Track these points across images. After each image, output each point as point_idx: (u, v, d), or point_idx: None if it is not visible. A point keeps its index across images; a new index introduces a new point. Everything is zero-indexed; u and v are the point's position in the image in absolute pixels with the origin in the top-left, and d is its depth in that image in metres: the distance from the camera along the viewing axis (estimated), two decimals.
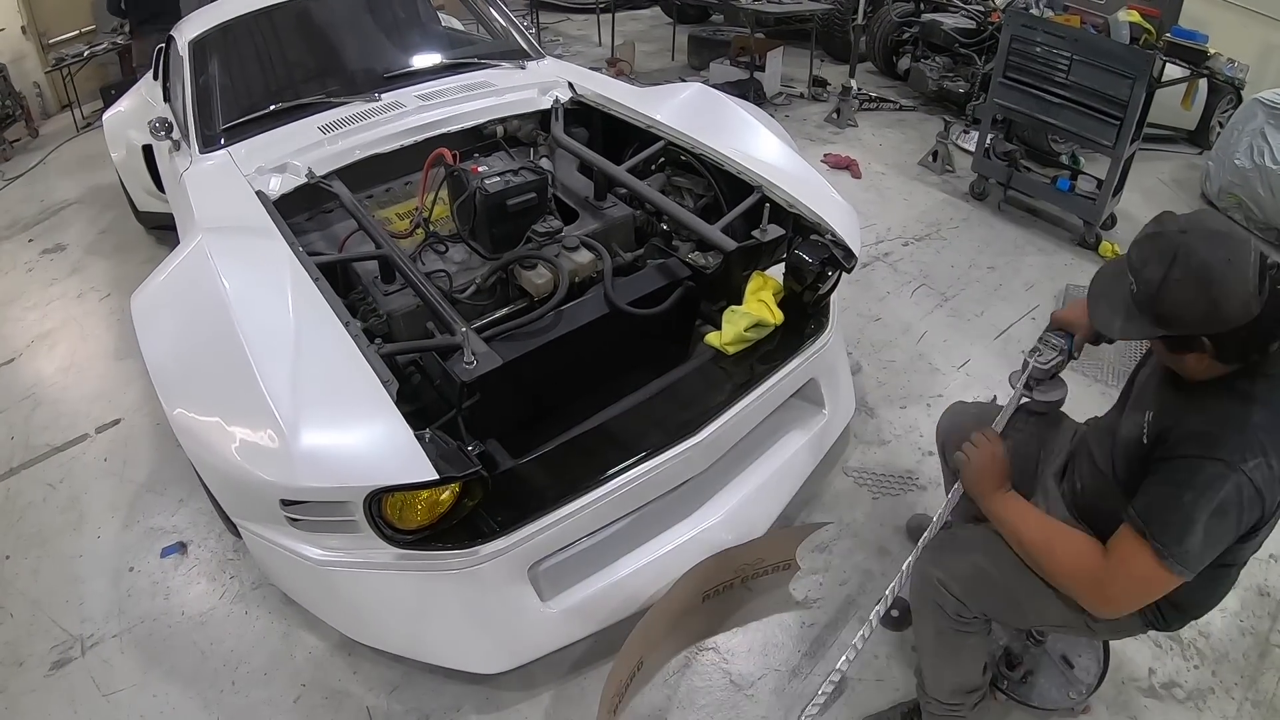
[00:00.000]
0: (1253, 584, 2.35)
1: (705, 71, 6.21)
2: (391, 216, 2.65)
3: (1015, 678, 2.02)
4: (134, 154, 3.71)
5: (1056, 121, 3.98)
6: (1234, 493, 1.26)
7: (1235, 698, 2.06)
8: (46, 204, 4.67)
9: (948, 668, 1.76)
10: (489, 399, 1.91)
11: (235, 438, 1.74)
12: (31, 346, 3.44)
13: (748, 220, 2.42)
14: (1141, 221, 4.70)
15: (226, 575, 2.37)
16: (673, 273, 2.30)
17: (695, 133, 2.66)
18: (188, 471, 2.31)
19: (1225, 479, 1.26)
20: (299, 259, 2.09)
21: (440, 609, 1.84)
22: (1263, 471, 1.26)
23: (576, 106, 3.05)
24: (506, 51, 3.41)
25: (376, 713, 2.02)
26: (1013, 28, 4.00)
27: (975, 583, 1.63)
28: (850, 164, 4.79)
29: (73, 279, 3.91)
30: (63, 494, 2.68)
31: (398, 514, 1.73)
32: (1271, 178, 4.02)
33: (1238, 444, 1.27)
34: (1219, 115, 5.10)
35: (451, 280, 2.24)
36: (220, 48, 3.05)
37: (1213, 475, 1.27)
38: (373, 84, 2.99)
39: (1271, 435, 1.28)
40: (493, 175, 2.27)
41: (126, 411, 3.02)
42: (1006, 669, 2.03)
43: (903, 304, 3.59)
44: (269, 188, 2.48)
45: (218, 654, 2.16)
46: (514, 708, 2.02)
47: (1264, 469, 1.26)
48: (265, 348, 1.81)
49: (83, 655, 2.17)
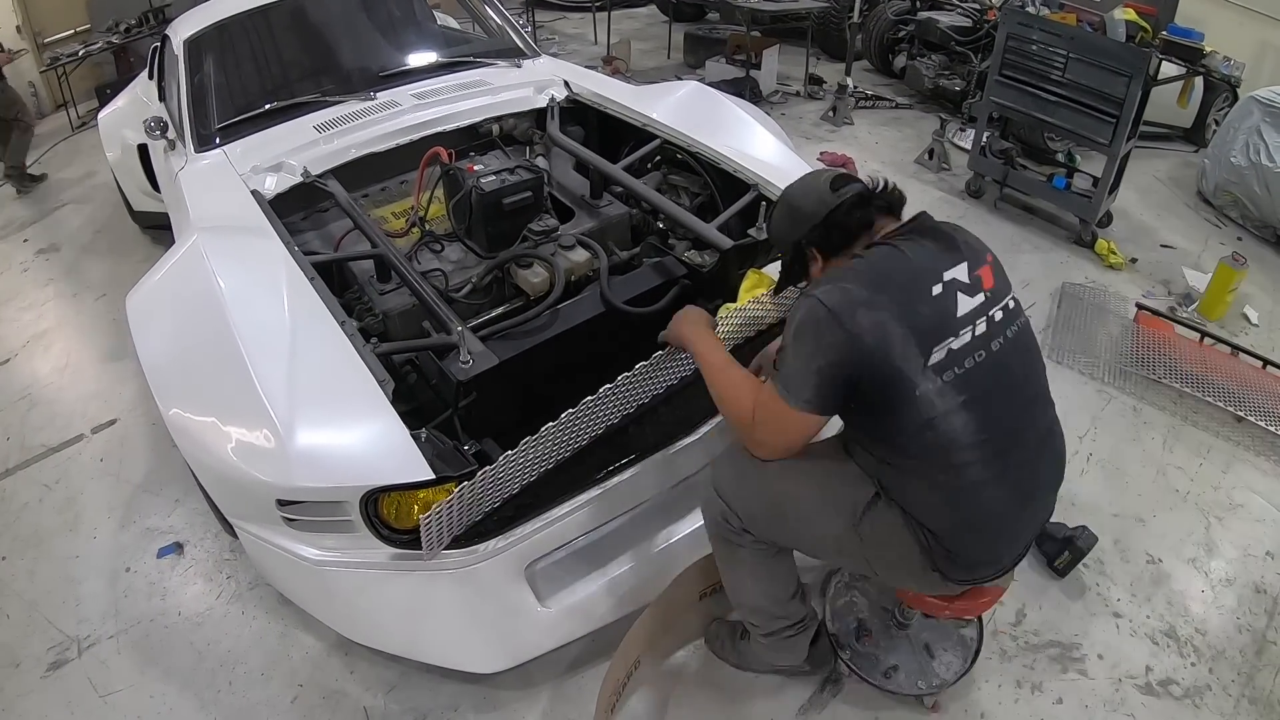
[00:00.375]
0: (1249, 581, 2.35)
1: (701, 70, 6.20)
2: (387, 215, 2.65)
3: (861, 650, 2.04)
4: (129, 153, 3.70)
5: (1052, 119, 3.98)
6: (805, 314, 1.43)
7: (1232, 695, 2.06)
8: (42, 204, 4.66)
9: (734, 583, 1.84)
10: (485, 398, 1.91)
11: (231, 438, 1.74)
12: (27, 347, 3.43)
13: (744, 218, 2.42)
14: (1138, 219, 4.70)
15: (223, 575, 2.37)
16: (669, 271, 2.30)
17: (691, 131, 2.66)
18: (184, 472, 2.31)
19: (800, 306, 1.45)
20: (294, 258, 2.09)
21: (437, 609, 1.84)
22: (834, 294, 1.41)
23: (572, 105, 3.05)
24: (502, 50, 3.41)
25: (374, 712, 2.02)
26: (1009, 25, 4.00)
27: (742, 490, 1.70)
28: (846, 162, 4.79)
29: (68, 279, 3.90)
30: (59, 495, 2.68)
31: (394, 514, 1.73)
32: (1267, 175, 4.03)
33: (820, 281, 1.49)
34: (1215, 113, 5.11)
35: (447, 279, 2.24)
36: (215, 46, 3.04)
37: (796, 306, 1.47)
38: (368, 83, 2.98)
39: (857, 272, 1.45)
40: (488, 174, 2.27)
41: (122, 412, 3.01)
42: (855, 640, 2.05)
43: None
44: (264, 187, 2.47)
45: (214, 654, 2.16)
46: (511, 707, 2.01)
47: (835, 292, 1.41)
48: (261, 347, 1.81)
49: (79, 656, 2.17)
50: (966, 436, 1.43)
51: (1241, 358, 3.16)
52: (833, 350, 1.40)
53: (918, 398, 1.40)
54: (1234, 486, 2.67)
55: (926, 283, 1.44)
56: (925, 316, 1.42)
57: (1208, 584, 2.34)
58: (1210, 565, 2.40)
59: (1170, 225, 4.32)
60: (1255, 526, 2.53)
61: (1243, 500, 2.62)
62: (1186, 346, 3.22)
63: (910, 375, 1.39)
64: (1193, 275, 3.77)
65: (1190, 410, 2.96)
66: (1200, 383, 3.03)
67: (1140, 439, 2.85)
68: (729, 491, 1.71)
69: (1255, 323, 3.52)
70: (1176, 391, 3.03)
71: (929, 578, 1.57)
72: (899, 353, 1.39)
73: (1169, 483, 2.67)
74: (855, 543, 1.59)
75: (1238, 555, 2.44)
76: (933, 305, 1.43)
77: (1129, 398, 3.02)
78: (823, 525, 1.62)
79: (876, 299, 1.40)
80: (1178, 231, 4.25)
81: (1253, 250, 4.00)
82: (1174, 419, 2.93)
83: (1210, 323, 3.44)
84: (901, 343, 1.39)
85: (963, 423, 1.42)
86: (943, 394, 1.41)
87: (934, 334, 1.41)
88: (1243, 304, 3.59)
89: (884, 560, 1.60)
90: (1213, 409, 2.96)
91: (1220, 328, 3.41)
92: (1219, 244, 4.10)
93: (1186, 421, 2.92)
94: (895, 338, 1.39)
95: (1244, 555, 2.44)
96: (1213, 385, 3.02)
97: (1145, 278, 3.81)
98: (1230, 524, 2.54)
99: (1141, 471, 2.71)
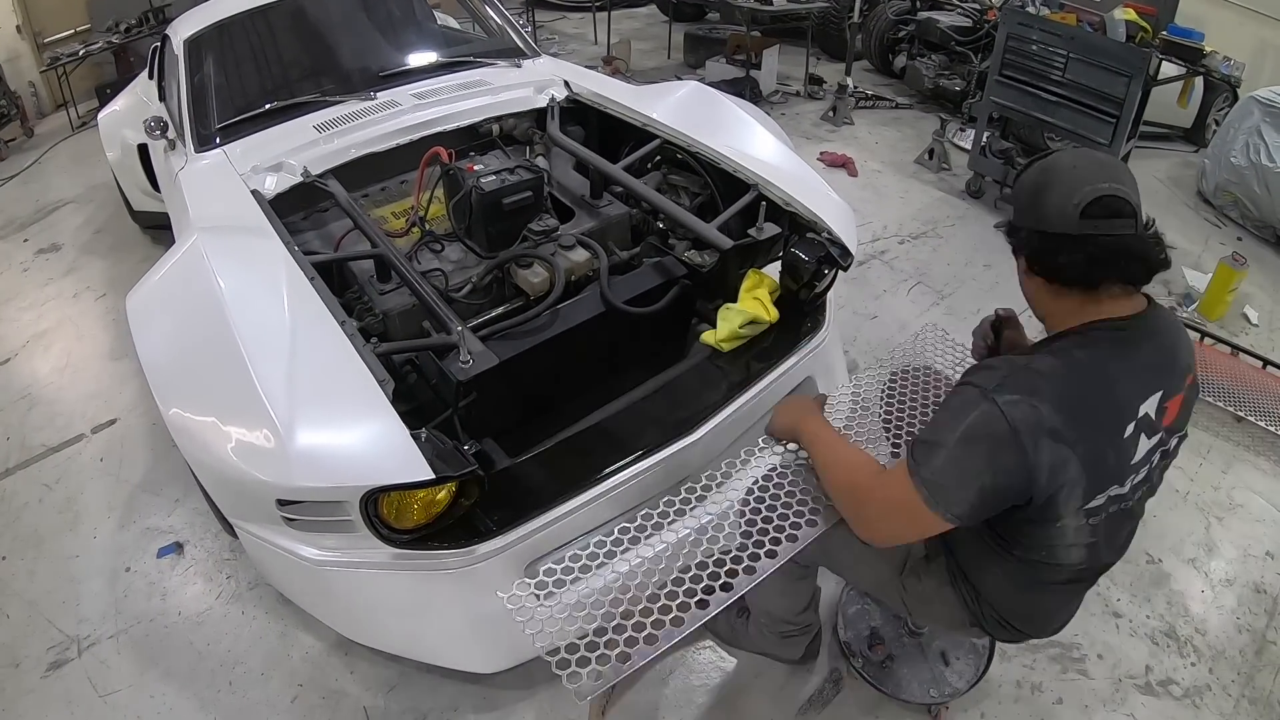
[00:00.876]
0: (1249, 581, 2.35)
1: (701, 69, 6.20)
2: (387, 215, 2.65)
3: (874, 659, 2.03)
4: (129, 153, 3.70)
5: (1053, 119, 3.98)
6: (981, 421, 1.22)
7: (1232, 695, 2.06)
8: (42, 204, 4.65)
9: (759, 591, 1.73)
10: (485, 398, 1.91)
11: (231, 437, 1.73)
12: (27, 347, 3.43)
13: (744, 218, 2.42)
14: None
15: (223, 575, 2.37)
16: (669, 271, 2.30)
17: (691, 131, 2.65)
18: (184, 471, 2.31)
19: (976, 405, 1.23)
20: (294, 258, 2.08)
21: (437, 608, 1.84)
22: (1022, 410, 1.20)
23: (572, 105, 3.05)
24: (502, 50, 3.41)
25: (374, 712, 2.02)
26: (1009, 25, 4.00)
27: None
28: (846, 162, 4.79)
29: (68, 279, 3.90)
30: (59, 494, 2.68)
31: (394, 514, 1.73)
32: (1268, 175, 4.03)
33: (1002, 376, 1.25)
34: (1215, 113, 5.11)
35: (447, 279, 2.24)
36: (215, 46, 3.04)
37: (966, 399, 1.26)
38: (368, 82, 2.98)
39: (1052, 383, 1.23)
40: (488, 174, 2.27)
41: (122, 411, 3.01)
42: (867, 648, 2.04)
43: (899, 302, 3.59)
44: (264, 187, 2.47)
45: (214, 654, 2.16)
46: (511, 706, 2.01)
47: (1024, 407, 1.20)
48: (261, 347, 1.81)
49: (79, 656, 2.17)
50: (1072, 565, 1.39)
51: (1241, 358, 3.16)
52: (1004, 475, 1.23)
53: (1055, 529, 1.31)
54: (1234, 486, 2.67)
55: (1123, 421, 1.27)
56: (1108, 464, 1.27)
57: (1208, 584, 2.35)
58: (1210, 565, 2.40)
59: (1170, 225, 4.32)
60: (1255, 526, 2.53)
61: (1243, 500, 2.62)
62: None
63: (1062, 511, 1.28)
64: (1193, 275, 3.77)
65: None
66: (1200, 383, 3.02)
67: None
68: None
69: (1255, 323, 3.52)
70: None
71: (969, 630, 1.56)
72: (1065, 493, 1.25)
73: (1169, 483, 2.67)
74: (897, 589, 1.56)
75: (1238, 555, 2.44)
76: (1119, 449, 1.28)
77: None
78: (866, 567, 1.60)
79: (1067, 433, 1.21)
80: (1178, 231, 4.25)
81: (1253, 250, 4.00)
82: None
83: (1210, 323, 3.44)
84: (1072, 485, 1.24)
85: (1078, 557, 1.37)
86: (1079, 532, 1.32)
87: (1107, 480, 1.29)
88: (1243, 304, 3.59)
89: (924, 610, 1.59)
90: (1213, 409, 2.96)
91: (1220, 328, 3.41)
92: (1219, 244, 4.10)
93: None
94: (1070, 480, 1.24)
95: (1244, 555, 2.44)
96: (1213, 385, 3.02)
97: None
98: (1230, 524, 2.54)
99: None
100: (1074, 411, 1.22)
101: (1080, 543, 1.34)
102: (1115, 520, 1.36)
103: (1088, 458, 1.23)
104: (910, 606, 1.59)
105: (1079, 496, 1.26)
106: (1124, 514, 1.37)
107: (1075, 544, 1.34)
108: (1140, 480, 1.35)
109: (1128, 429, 1.27)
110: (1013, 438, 1.20)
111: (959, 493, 1.24)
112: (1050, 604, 1.52)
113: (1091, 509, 1.29)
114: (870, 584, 1.65)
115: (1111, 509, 1.33)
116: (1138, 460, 1.30)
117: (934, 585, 1.52)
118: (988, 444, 1.22)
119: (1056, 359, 1.27)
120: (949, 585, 1.50)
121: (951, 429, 1.25)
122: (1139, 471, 1.33)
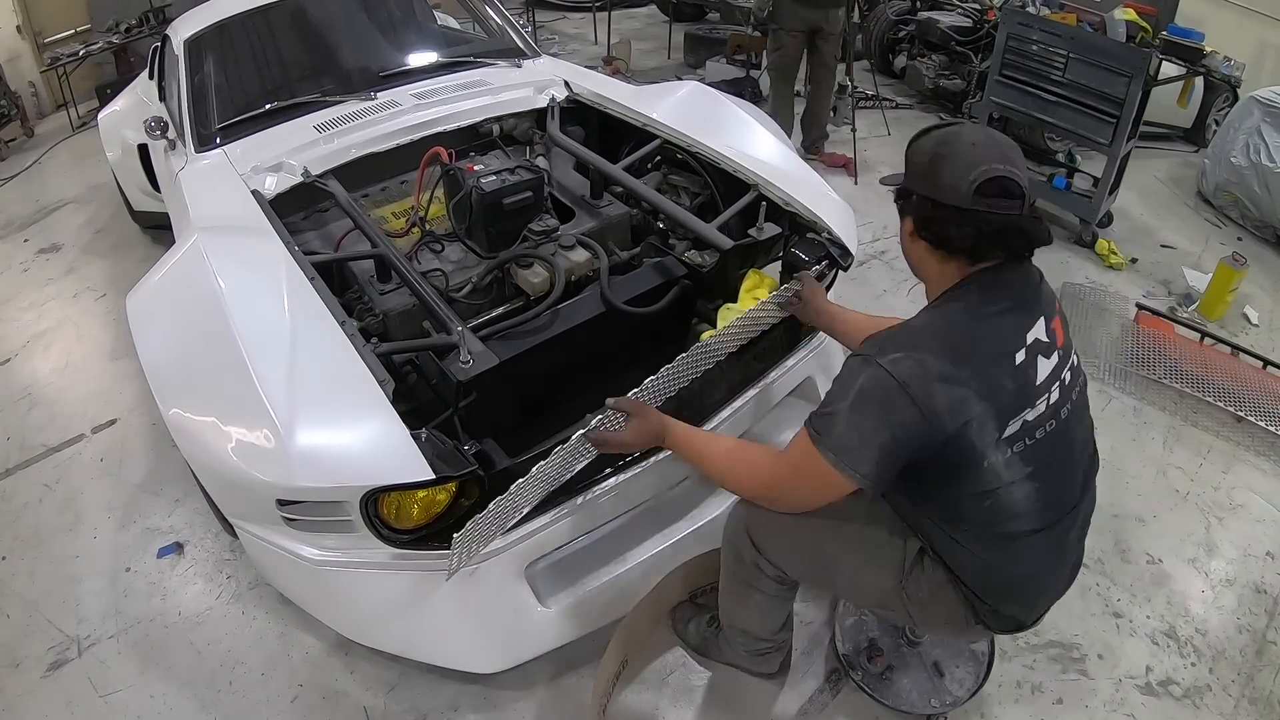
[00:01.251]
0: (1249, 581, 2.35)
1: (701, 70, 6.20)
2: (387, 215, 2.65)
3: (873, 670, 2.00)
4: (129, 153, 3.70)
5: (1053, 119, 3.98)
6: (869, 383, 1.29)
7: (1232, 695, 2.06)
8: (42, 203, 4.66)
9: (735, 608, 1.78)
10: (485, 398, 1.91)
11: (231, 437, 1.73)
12: (27, 347, 3.43)
13: (744, 219, 2.42)
14: (1138, 219, 4.69)
15: (223, 575, 2.37)
16: (669, 271, 2.30)
17: (691, 131, 2.65)
18: (184, 471, 2.31)
19: (862, 370, 1.31)
20: (295, 258, 2.08)
21: (437, 609, 1.84)
22: (906, 364, 1.28)
23: (572, 105, 3.05)
24: (502, 50, 3.41)
25: (374, 712, 2.02)
26: (1009, 25, 4.00)
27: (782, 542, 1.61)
28: (846, 162, 4.79)
29: (68, 279, 3.90)
30: (59, 494, 2.68)
31: (394, 514, 1.73)
32: (1268, 175, 4.03)
33: (885, 340, 1.34)
34: (1215, 113, 5.11)
35: (448, 279, 2.24)
36: (216, 46, 3.04)
37: (852, 367, 1.34)
38: (368, 82, 2.98)
39: (930, 334, 1.33)
40: (489, 174, 2.26)
41: (123, 412, 3.01)
42: (866, 660, 2.02)
43: (899, 302, 3.59)
44: (264, 187, 2.47)
45: (215, 654, 2.16)
46: (511, 706, 2.01)
47: (907, 362, 1.28)
48: (261, 347, 1.81)
49: (79, 656, 2.17)
50: (1024, 506, 1.38)
51: (1242, 358, 3.16)
52: (902, 429, 1.28)
53: (984, 469, 1.33)
54: (1234, 487, 2.67)
55: (1011, 349, 1.34)
56: (1008, 391, 1.32)
57: (1208, 584, 2.35)
58: (1210, 565, 2.40)
59: (1170, 225, 4.32)
60: (1255, 526, 2.53)
61: (1243, 500, 2.62)
62: (1187, 347, 3.22)
63: (982, 449, 1.31)
64: (1193, 275, 3.77)
65: (1190, 410, 2.96)
66: (1200, 383, 3.03)
67: (1140, 439, 2.85)
68: (767, 544, 1.63)
69: (1255, 323, 3.52)
70: (1177, 392, 3.03)
71: (972, 630, 1.56)
72: (975, 428, 1.29)
73: (1169, 483, 2.67)
74: (900, 599, 1.55)
75: (1238, 555, 2.44)
76: (1015, 376, 1.33)
77: (1129, 398, 3.02)
78: (868, 582, 1.59)
79: (957, 373, 1.28)
80: (1178, 231, 4.25)
81: (1253, 250, 4.00)
82: (1174, 419, 2.93)
83: (1210, 323, 3.44)
84: (980, 419, 1.29)
85: (1024, 494, 1.37)
86: (1010, 465, 1.34)
87: (1013, 407, 1.32)
88: (1243, 304, 3.59)
89: (928, 616, 1.57)
90: (1213, 409, 2.96)
91: (1220, 328, 3.42)
92: (1219, 244, 4.10)
93: (1186, 422, 2.92)
94: (974, 415, 1.28)
95: (1244, 555, 2.44)
96: (1213, 385, 3.02)
97: (1145, 278, 3.81)
98: (1230, 524, 2.54)
99: (1141, 472, 2.71)
100: (958, 352, 1.30)
101: (1017, 478, 1.35)
102: (1046, 447, 1.37)
103: (984, 390, 1.28)
104: (914, 615, 1.58)
105: (991, 428, 1.30)
106: (1055, 440, 1.39)
107: (1014, 480, 1.35)
108: (1056, 401, 1.38)
109: (1018, 356, 1.33)
110: (902, 391, 1.27)
111: (863, 452, 1.30)
112: (1029, 564, 1.47)
113: (1009, 437, 1.32)
114: (873, 599, 1.63)
115: (1037, 434, 1.36)
116: (1042, 381, 1.36)
117: (932, 587, 1.51)
118: (879, 403, 1.28)
119: (931, 315, 1.38)
120: (947, 584, 1.50)
121: (844, 396, 1.32)
122: (1050, 391, 1.37)
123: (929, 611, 1.55)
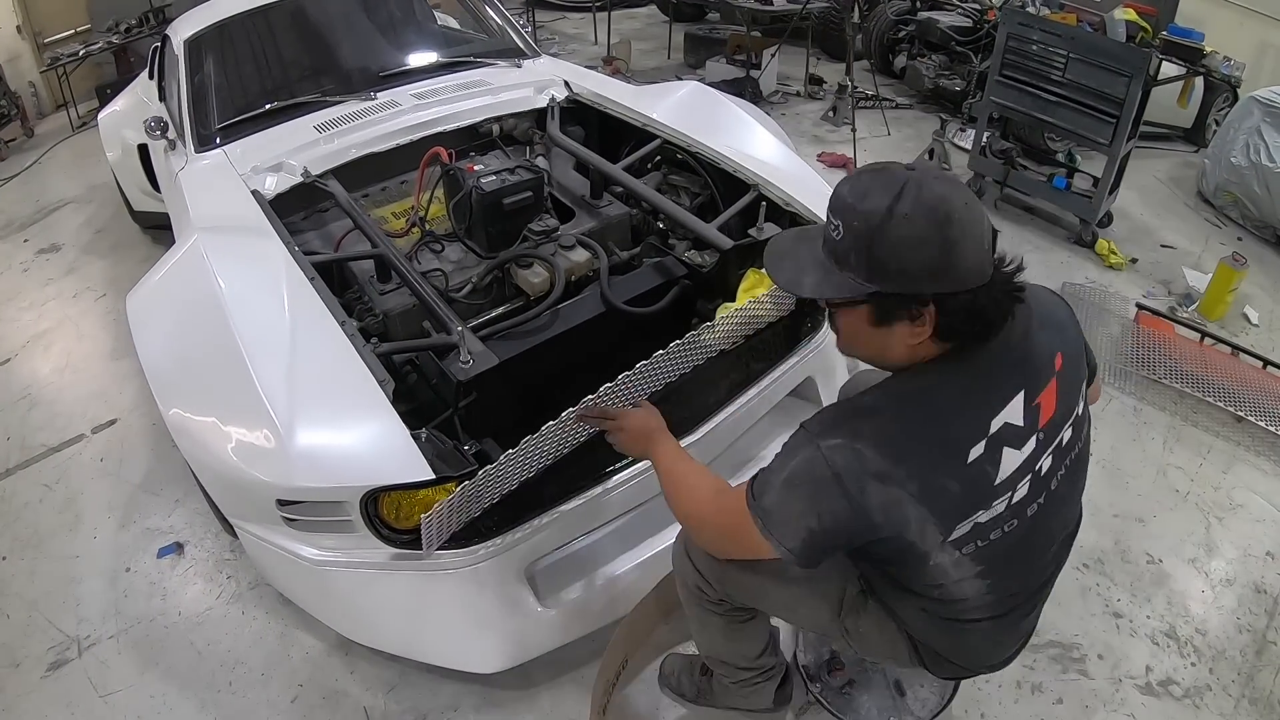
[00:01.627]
0: (1249, 581, 2.35)
1: (701, 70, 6.20)
2: (387, 215, 2.65)
3: (834, 684, 1.96)
4: (129, 153, 3.70)
5: (1053, 119, 3.98)
6: (804, 465, 1.17)
7: (1232, 695, 2.06)
8: (42, 204, 4.66)
9: (701, 636, 1.71)
10: (485, 398, 1.91)
11: (231, 438, 1.74)
12: (27, 347, 3.43)
13: (744, 218, 2.42)
14: (1138, 219, 4.68)
15: (223, 575, 2.37)
16: (669, 271, 2.30)
17: (691, 131, 2.65)
18: (184, 472, 2.31)
19: (801, 448, 1.18)
20: (295, 258, 2.09)
21: (437, 609, 1.84)
22: (844, 455, 1.14)
23: (573, 105, 3.05)
24: (502, 50, 3.41)
25: (374, 712, 2.02)
26: (1009, 25, 3.99)
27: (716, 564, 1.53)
28: (846, 162, 4.79)
29: (68, 279, 3.90)
30: (59, 495, 2.68)
31: (394, 514, 1.73)
32: (1268, 175, 4.02)
33: (831, 419, 1.20)
34: (1215, 113, 5.10)
35: (447, 279, 2.24)
36: (216, 46, 3.04)
37: (796, 441, 1.21)
38: (368, 83, 2.98)
39: (876, 423, 1.17)
40: (489, 174, 2.27)
41: (123, 412, 3.01)
42: (827, 673, 1.98)
43: None
44: (264, 187, 2.47)
45: (215, 654, 2.16)
46: (511, 706, 2.01)
47: (845, 452, 1.14)
48: (261, 347, 1.81)
49: (79, 656, 2.17)
50: (975, 601, 1.29)
51: (1242, 358, 3.16)
52: (830, 518, 1.16)
53: (930, 567, 1.22)
54: (1234, 487, 2.67)
55: (965, 445, 1.16)
56: (952, 495, 1.16)
57: (1208, 584, 2.34)
58: (1210, 565, 2.40)
59: (1170, 225, 4.32)
60: (1255, 526, 2.53)
61: (1243, 500, 2.62)
62: (1187, 347, 3.22)
63: (925, 549, 1.19)
64: (1193, 275, 3.77)
65: (1190, 410, 2.96)
66: (1200, 383, 3.03)
67: (1140, 439, 2.84)
68: (708, 570, 1.55)
69: (1255, 323, 3.52)
70: (1177, 392, 3.03)
71: (915, 670, 1.50)
72: (914, 531, 1.16)
73: (1169, 483, 2.67)
74: (839, 630, 1.50)
75: (1238, 555, 2.44)
76: (964, 478, 1.17)
77: (1129, 398, 3.02)
78: (806, 613, 1.54)
79: (894, 472, 1.13)
80: (1178, 231, 4.25)
81: (1253, 250, 4.00)
82: (1174, 419, 2.93)
83: (1210, 323, 3.44)
84: (918, 523, 1.16)
85: (975, 590, 1.27)
86: (959, 565, 1.22)
87: (958, 512, 1.18)
88: (1243, 304, 3.59)
89: (868, 647, 1.52)
90: (1213, 409, 2.96)
91: (1220, 328, 3.41)
92: (1219, 244, 4.10)
93: (1187, 422, 2.92)
94: (911, 519, 1.15)
95: (1244, 555, 2.44)
96: (1213, 385, 3.02)
97: (1145, 278, 3.81)
98: (1230, 524, 2.54)
99: (1141, 471, 2.71)
100: (899, 449, 1.14)
101: (967, 576, 1.24)
102: (1003, 548, 1.24)
103: (922, 494, 1.14)
104: (854, 645, 1.52)
105: (934, 531, 1.17)
106: (1016, 538, 1.25)
107: (963, 578, 1.24)
108: (1024, 497, 1.23)
109: (972, 453, 1.16)
110: (835, 482, 1.14)
111: (789, 528, 1.19)
112: (976, 641, 1.39)
113: (957, 540, 1.20)
114: (811, 626, 1.57)
115: (991, 535, 1.22)
116: (1004, 480, 1.19)
117: (873, 623, 1.45)
118: (810, 488, 1.17)
119: (885, 395, 1.21)
120: (889, 623, 1.43)
121: (780, 471, 1.21)
122: (1016, 488, 1.21)
123: (869, 643, 1.49)
